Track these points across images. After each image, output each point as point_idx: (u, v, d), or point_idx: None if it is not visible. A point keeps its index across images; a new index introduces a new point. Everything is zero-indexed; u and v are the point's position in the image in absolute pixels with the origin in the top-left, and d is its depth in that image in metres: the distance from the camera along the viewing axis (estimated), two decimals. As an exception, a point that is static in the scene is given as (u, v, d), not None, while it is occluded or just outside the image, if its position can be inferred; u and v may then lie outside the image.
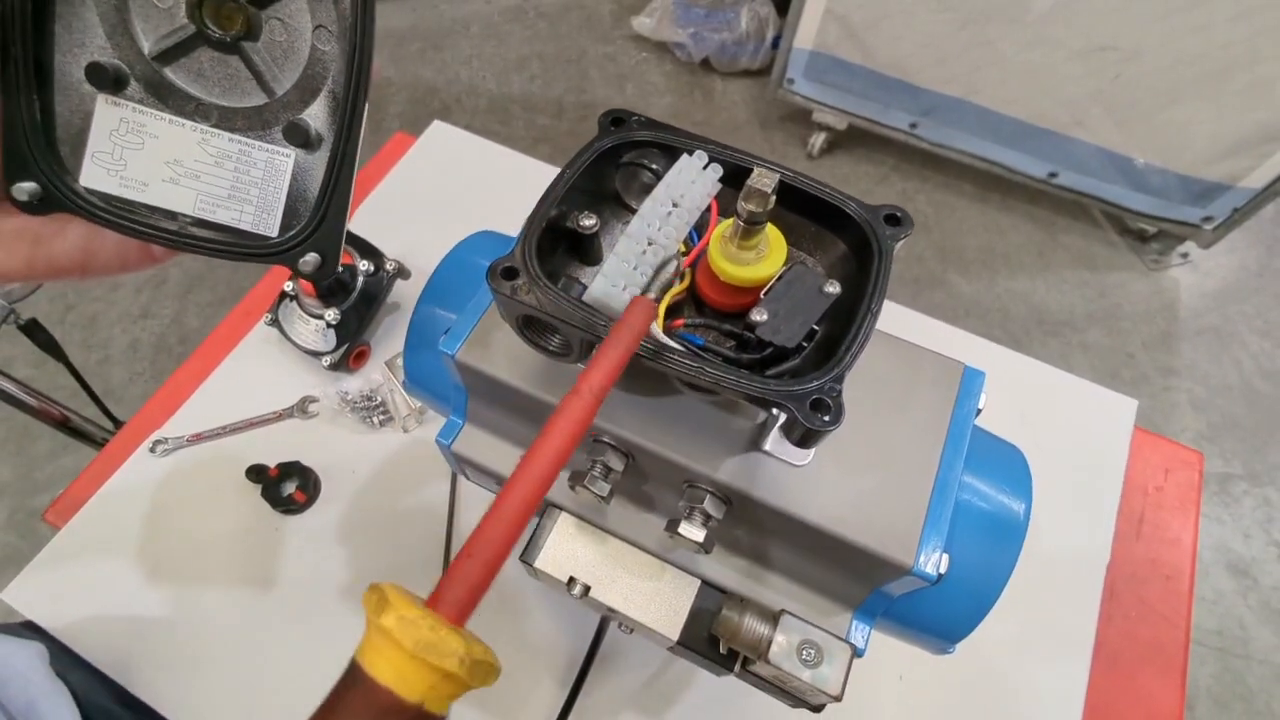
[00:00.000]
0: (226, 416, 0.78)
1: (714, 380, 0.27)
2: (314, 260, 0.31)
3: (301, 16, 0.29)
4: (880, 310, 0.29)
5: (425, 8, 2.39)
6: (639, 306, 0.27)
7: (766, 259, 0.29)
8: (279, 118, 0.30)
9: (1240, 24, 1.41)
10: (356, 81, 0.29)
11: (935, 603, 0.38)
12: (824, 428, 0.26)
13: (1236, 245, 1.96)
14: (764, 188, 0.26)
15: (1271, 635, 1.54)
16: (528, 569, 0.42)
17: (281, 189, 0.31)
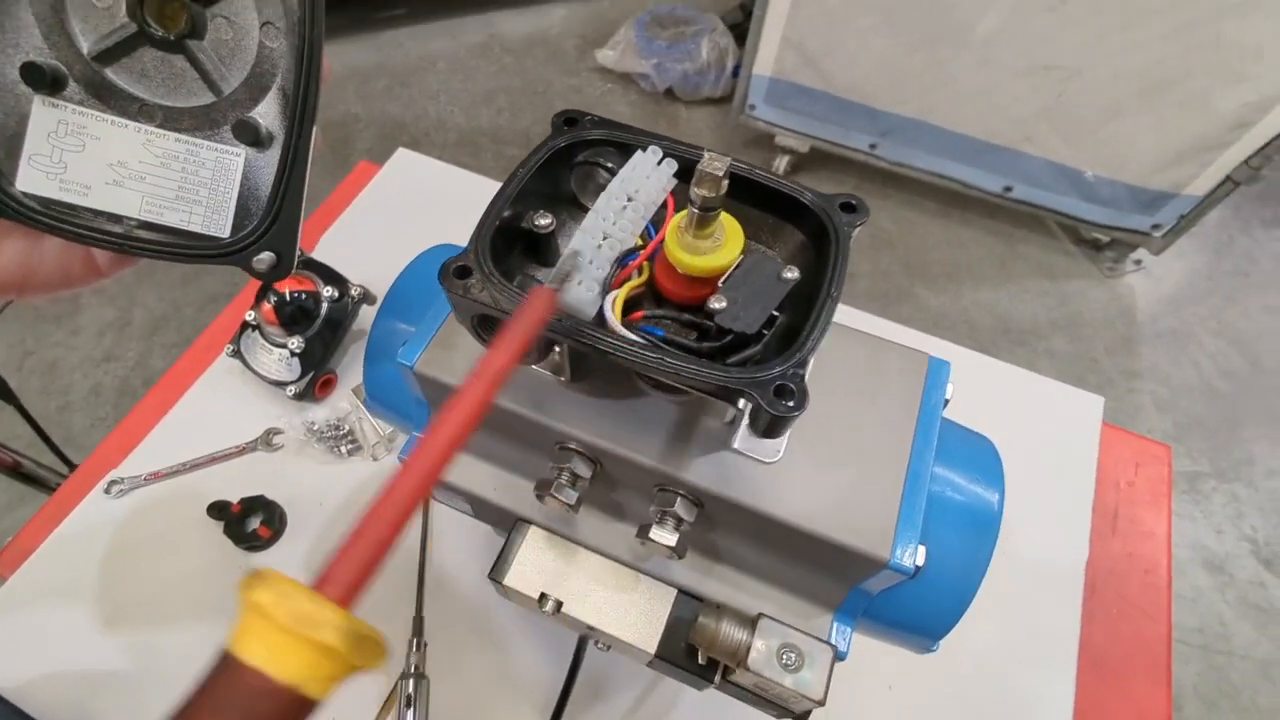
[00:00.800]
0: (187, 453, 0.75)
1: (674, 371, 0.27)
2: (269, 259, 0.30)
3: (248, 13, 0.29)
4: (840, 295, 0.28)
5: (391, 46, 2.41)
6: (539, 291, 0.26)
7: (723, 248, 0.29)
8: (227, 116, 0.30)
9: (1171, 42, 1.48)
10: (306, 77, 0.28)
11: (915, 598, 0.37)
12: (788, 413, 0.25)
13: (1185, 251, 2.03)
14: (715, 171, 0.26)
15: (1251, 630, 1.56)
16: (497, 587, 0.40)
17: (232, 188, 0.30)
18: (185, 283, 1.86)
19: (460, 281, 0.28)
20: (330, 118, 2.19)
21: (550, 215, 0.32)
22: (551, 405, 0.36)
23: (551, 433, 0.36)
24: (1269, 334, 1.92)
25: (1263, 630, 1.57)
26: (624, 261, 0.30)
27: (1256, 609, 1.60)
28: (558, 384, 0.37)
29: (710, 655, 0.36)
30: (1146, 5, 1.44)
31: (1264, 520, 1.69)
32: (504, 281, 0.28)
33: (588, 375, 0.37)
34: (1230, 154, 1.62)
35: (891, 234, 2.05)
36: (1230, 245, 2.07)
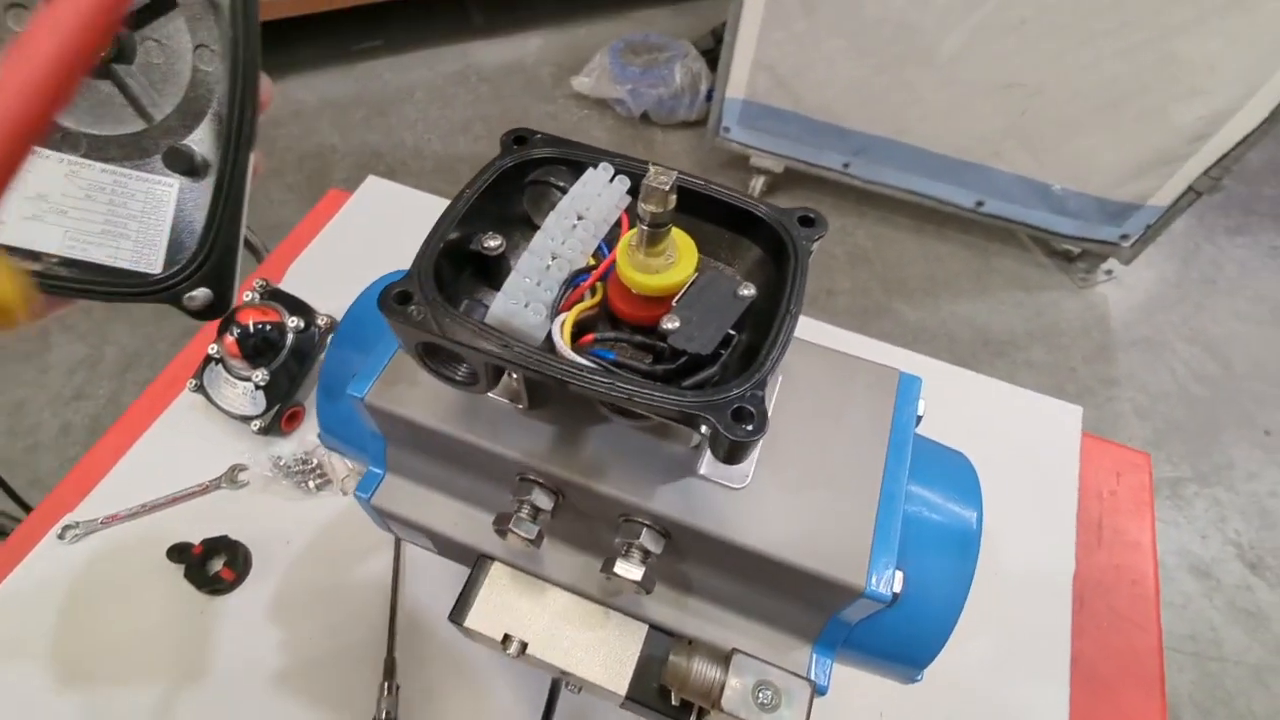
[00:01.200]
0: (147, 494, 0.72)
1: (627, 396, 0.25)
2: (203, 296, 0.28)
3: (180, 36, 0.27)
4: (799, 312, 0.27)
5: (369, 77, 2.42)
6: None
7: (676, 266, 0.28)
8: (159, 144, 0.28)
9: (1126, 60, 1.52)
10: (242, 101, 0.27)
11: (895, 626, 0.36)
12: (748, 438, 0.24)
13: (1154, 260, 2.06)
14: (661, 185, 0.24)
15: (1242, 635, 1.56)
16: (458, 629, 0.38)
17: (164, 221, 0.28)
18: (159, 318, 1.82)
19: (401, 308, 0.27)
20: (306, 149, 2.18)
21: (500, 237, 0.31)
22: (509, 434, 0.35)
23: (509, 463, 0.35)
24: (1239, 338, 1.95)
25: (1253, 635, 1.57)
26: (575, 282, 0.29)
27: (1245, 613, 1.60)
28: (515, 412, 0.35)
29: (683, 696, 0.34)
30: (1101, 26, 1.48)
31: (1246, 523, 1.70)
32: (448, 306, 0.27)
33: (546, 402, 0.36)
34: (1190, 165, 1.66)
35: (869, 250, 2.06)
36: (1196, 253, 2.11)
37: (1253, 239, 2.12)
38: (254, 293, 0.75)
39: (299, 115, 2.28)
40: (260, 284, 0.76)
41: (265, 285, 0.76)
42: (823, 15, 1.67)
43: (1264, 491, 1.74)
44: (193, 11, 0.27)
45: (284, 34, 2.30)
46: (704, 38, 2.33)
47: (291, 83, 2.37)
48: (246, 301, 0.74)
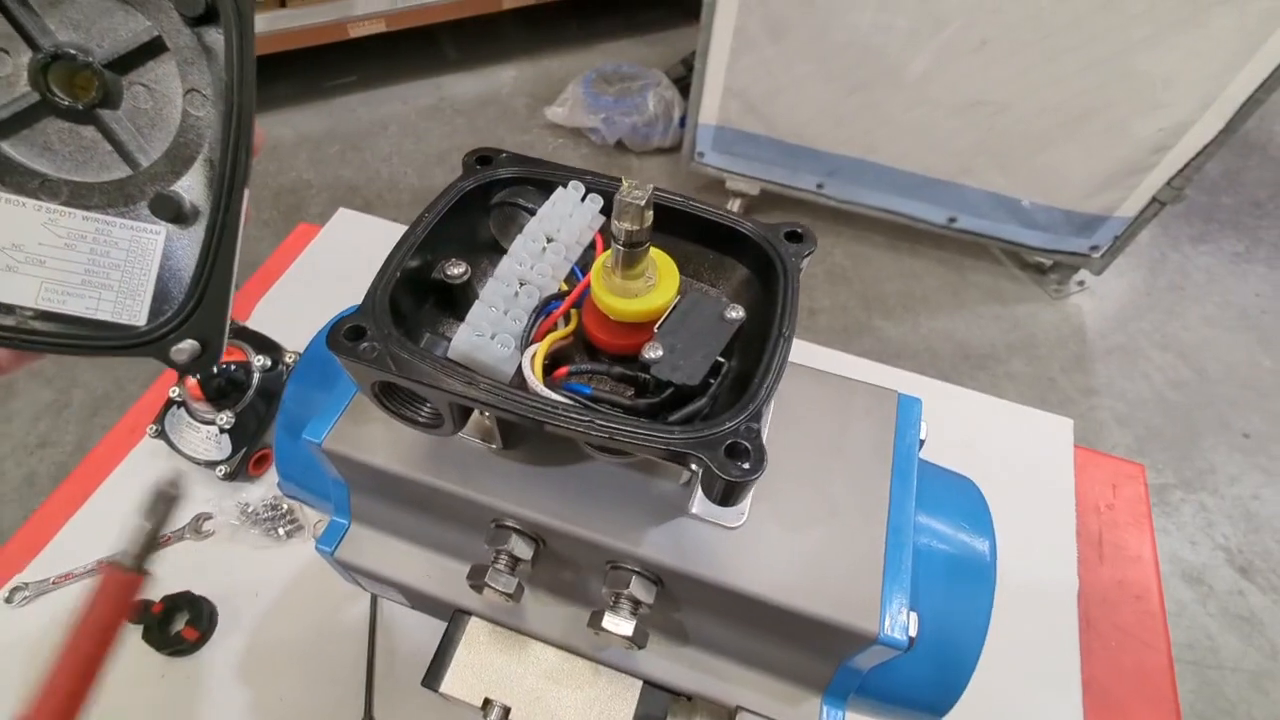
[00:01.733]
0: (103, 550, 0.67)
1: (608, 435, 0.23)
2: (191, 348, 0.27)
3: (170, 81, 0.26)
4: (793, 334, 0.25)
5: (342, 111, 2.41)
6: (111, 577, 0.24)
7: (657, 289, 0.25)
8: (145, 191, 0.27)
9: (1087, 76, 1.56)
10: (236, 146, 0.26)
11: (912, 669, 0.33)
12: (744, 478, 0.21)
13: (1124, 270, 2.10)
14: (636, 200, 0.22)
15: (1238, 641, 1.55)
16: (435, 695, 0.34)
17: (149, 270, 0.27)
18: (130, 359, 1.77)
19: (352, 344, 0.24)
20: (282, 184, 2.15)
21: (464, 264, 0.28)
22: (482, 478, 0.32)
23: (484, 509, 0.32)
24: (1210, 344, 1.97)
25: (1249, 641, 1.56)
26: (546, 310, 0.26)
27: (1240, 619, 1.59)
28: (488, 452, 0.32)
29: (683, 761, 0.31)
30: (1061, 43, 1.51)
31: (1234, 528, 1.70)
32: (405, 341, 0.24)
33: (522, 441, 0.33)
34: (1153, 176, 1.70)
35: (847, 269, 2.07)
36: (1163, 262, 2.15)
37: (1215, 246, 2.17)
38: (214, 333, 0.72)
39: (274, 151, 2.26)
40: (223, 323, 0.72)
41: (232, 323, 0.72)
42: (790, 41, 1.69)
43: (1247, 495, 1.75)
44: (184, 56, 0.26)
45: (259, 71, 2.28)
46: (675, 66, 2.36)
47: (267, 119, 2.35)
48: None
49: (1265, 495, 1.74)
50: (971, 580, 0.33)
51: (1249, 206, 2.27)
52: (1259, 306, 2.06)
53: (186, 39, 0.25)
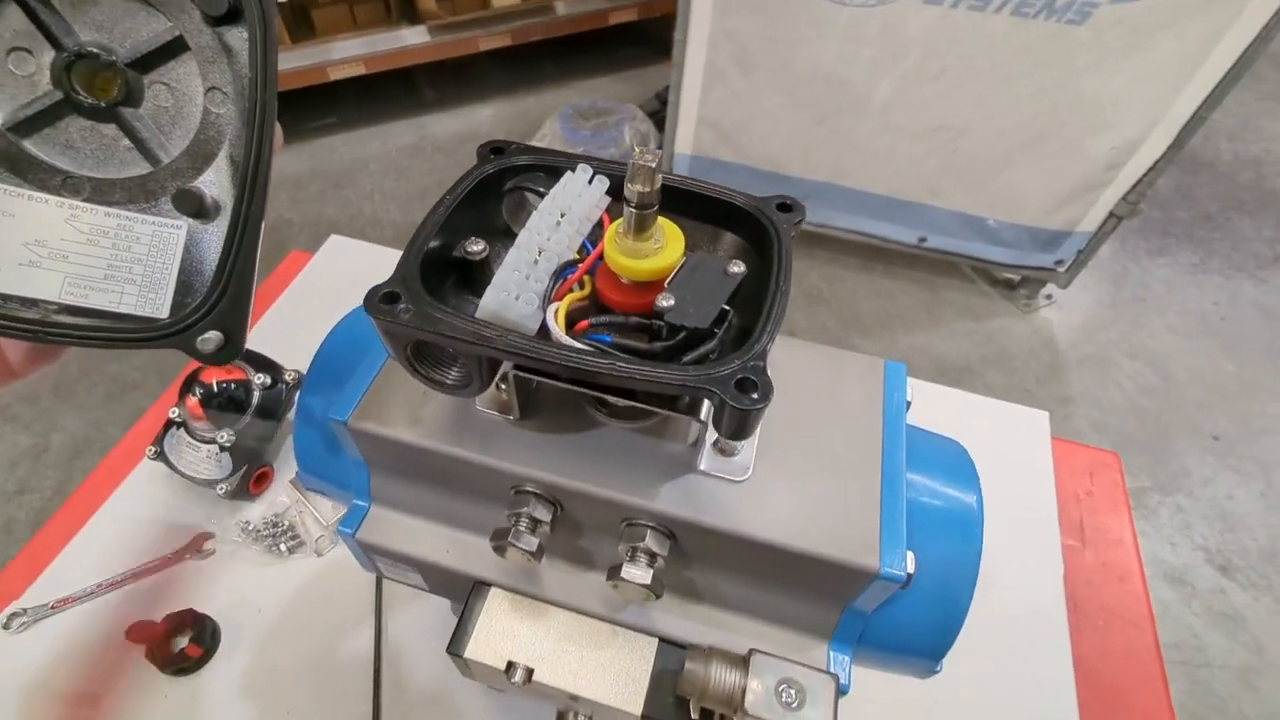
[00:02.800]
0: (102, 574, 0.67)
1: (628, 375, 0.25)
2: (215, 339, 0.27)
3: (191, 80, 0.27)
4: (789, 289, 0.28)
5: (324, 151, 2.44)
6: None
7: (665, 249, 0.28)
8: (166, 186, 0.27)
9: (1041, 99, 1.65)
10: (259, 141, 0.27)
11: (910, 615, 0.35)
12: (754, 406, 0.24)
13: (1088, 283, 2.18)
14: (648, 163, 0.25)
15: (1223, 639, 1.57)
16: (457, 662, 0.35)
17: (172, 264, 0.27)
18: (110, 400, 1.74)
19: (389, 308, 0.26)
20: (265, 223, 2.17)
21: (483, 242, 0.31)
22: (502, 446, 0.34)
23: (504, 476, 0.33)
24: (1175, 351, 2.05)
25: (1234, 638, 1.59)
26: (563, 276, 0.29)
27: (1224, 617, 1.62)
28: (507, 424, 0.35)
29: (703, 705, 0.32)
30: (1013, 70, 1.60)
31: (1210, 528, 1.74)
32: (435, 303, 0.27)
33: (538, 411, 0.35)
34: (1109, 192, 1.79)
35: (823, 290, 2.13)
36: (1125, 275, 2.24)
37: (1172, 259, 2.27)
38: (214, 352, 0.73)
39: (252, 192, 2.28)
40: (221, 343, 0.74)
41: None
42: (759, 74, 1.77)
43: (1221, 495, 1.80)
44: (205, 55, 0.26)
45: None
46: (649, 101, 2.44)
47: (244, 161, 2.37)
48: (207, 361, 0.71)
49: (1238, 495, 1.79)
50: (961, 529, 0.36)
51: (1201, 220, 2.39)
52: (1217, 314, 2.15)
53: (208, 39, 0.26)
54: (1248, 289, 2.18)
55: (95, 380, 1.79)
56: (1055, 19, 1.50)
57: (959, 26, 1.55)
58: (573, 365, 0.25)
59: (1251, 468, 1.84)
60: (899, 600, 0.35)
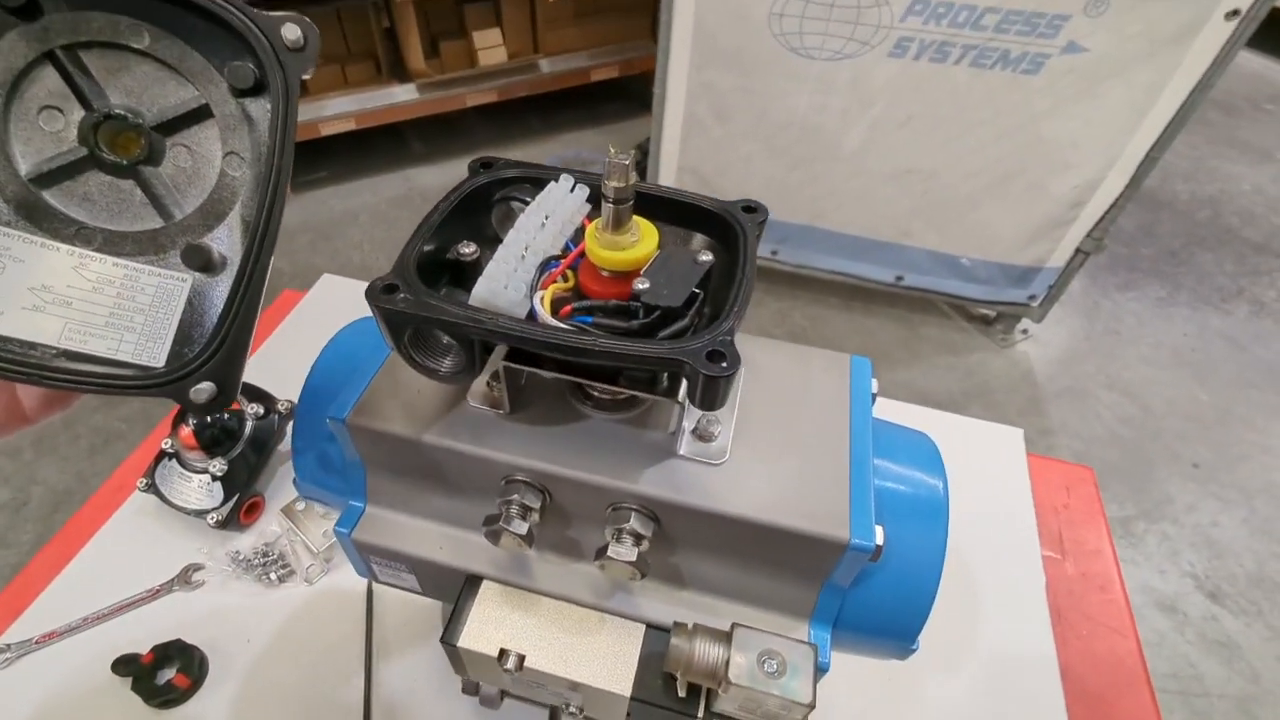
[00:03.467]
0: (90, 606, 0.66)
1: (608, 350, 0.27)
2: (208, 390, 0.28)
3: (211, 144, 0.28)
4: (754, 276, 0.31)
5: (314, 204, 2.50)
6: None
7: (641, 242, 0.31)
8: (176, 241, 0.28)
9: (1003, 143, 1.74)
10: (271, 204, 0.28)
11: (882, 595, 0.37)
12: (724, 374, 0.26)
13: (1062, 317, 2.25)
14: (622, 160, 0.28)
15: (1219, 666, 1.57)
16: (450, 652, 0.36)
17: (173, 315, 0.28)
18: (93, 452, 1.73)
19: (389, 296, 0.29)
20: (248, 275, 2.20)
21: (474, 245, 0.34)
22: (493, 438, 0.36)
23: (496, 466, 0.35)
24: (1150, 381, 2.10)
25: (1230, 666, 1.58)
26: (547, 269, 0.31)
27: (1218, 644, 1.62)
28: (497, 417, 0.37)
29: (689, 680, 0.33)
30: (976, 116, 1.70)
31: (1197, 555, 1.76)
32: (431, 291, 0.29)
33: (527, 406, 0.37)
34: (1075, 229, 1.87)
35: (806, 329, 2.18)
36: (1097, 309, 2.31)
37: (1140, 293, 2.35)
38: (209, 384, 0.74)
39: (244, 244, 2.32)
40: (216, 375, 0.75)
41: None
42: (735, 123, 1.86)
43: (1206, 522, 1.82)
44: (228, 123, 0.28)
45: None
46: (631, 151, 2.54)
47: (235, 215, 2.43)
48: (202, 391, 0.73)
49: (1222, 521, 1.81)
50: (927, 510, 0.38)
51: (1166, 256, 2.48)
52: (1188, 345, 2.21)
53: (232, 108, 0.28)
54: (1214, 320, 2.26)
55: (78, 432, 1.78)
56: (1011, 69, 1.60)
57: (922, 77, 1.65)
58: (558, 343, 0.28)
59: (1233, 494, 1.86)
60: (871, 580, 0.37)
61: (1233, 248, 2.49)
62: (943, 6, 1.53)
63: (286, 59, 0.27)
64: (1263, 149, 2.90)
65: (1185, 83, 1.54)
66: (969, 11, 1.52)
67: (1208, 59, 1.50)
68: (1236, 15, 1.43)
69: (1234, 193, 2.69)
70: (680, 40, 1.73)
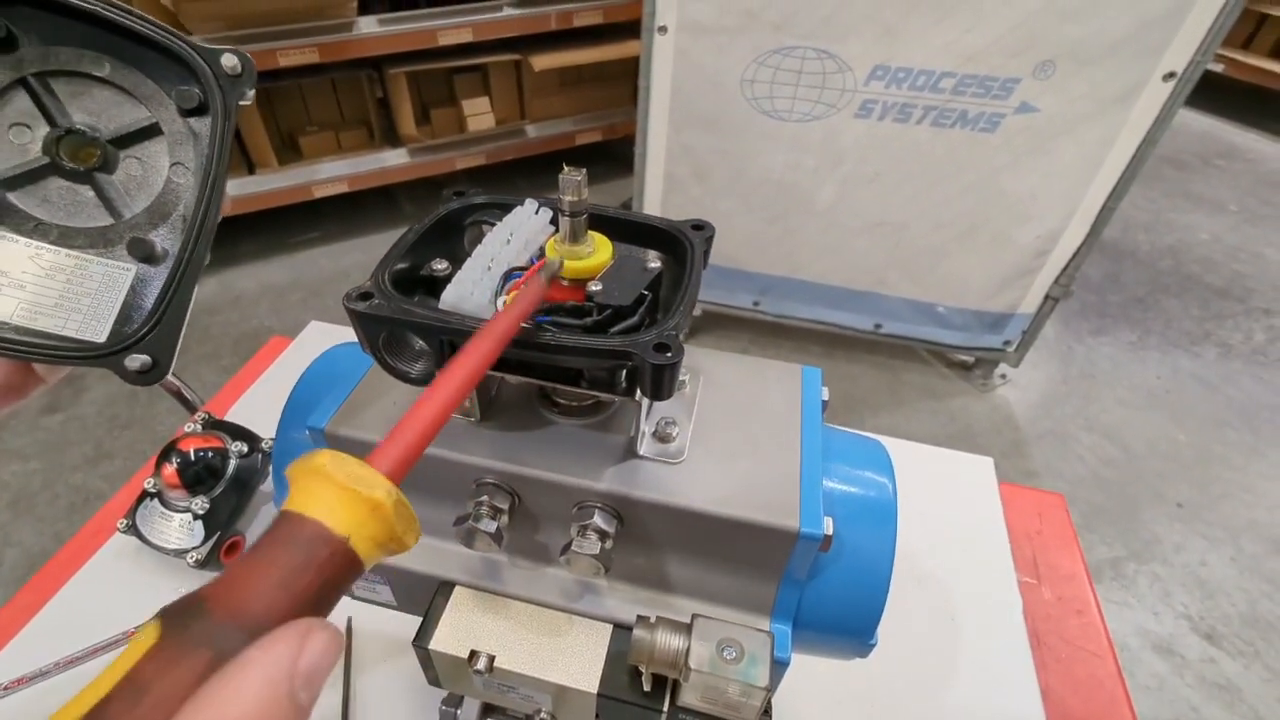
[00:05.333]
0: (62, 649, 0.65)
1: (565, 343, 0.30)
2: (143, 361, 0.31)
3: (160, 156, 0.33)
4: (699, 281, 0.34)
5: (305, 264, 2.56)
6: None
7: (596, 253, 0.34)
8: (123, 236, 0.32)
9: (967, 196, 1.83)
10: (208, 205, 0.32)
11: (838, 591, 0.38)
12: (669, 361, 0.29)
13: (1038, 362, 2.30)
14: (574, 177, 0.32)
15: (1221, 711, 1.54)
16: (422, 656, 0.37)
17: (116, 299, 0.32)
18: (72, 511, 1.70)
19: (364, 301, 0.32)
20: (244, 331, 2.23)
21: (447, 261, 0.37)
22: (463, 443, 0.38)
23: (466, 469, 0.37)
24: (1128, 423, 2.14)
25: (1231, 709, 1.56)
26: (511, 279, 0.34)
27: (1217, 687, 1.59)
28: (468, 425, 0.39)
29: (653, 671, 0.35)
30: (939, 172, 1.79)
31: (1189, 595, 1.75)
32: (405, 298, 0.32)
33: (497, 414, 0.39)
34: (1042, 276, 1.94)
35: (788, 378, 2.21)
36: (1071, 354, 2.37)
37: (1112, 337, 2.42)
38: (195, 424, 0.76)
39: (237, 302, 2.36)
40: (203, 416, 0.77)
41: (208, 417, 0.77)
42: (714, 181, 1.95)
43: (1195, 562, 1.82)
44: (175, 138, 0.33)
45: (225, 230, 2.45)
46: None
47: (232, 273, 2.48)
48: (188, 432, 0.74)
49: (1210, 560, 1.81)
50: (876, 507, 0.40)
51: (1133, 303, 2.57)
52: (1162, 387, 2.26)
53: (179, 125, 0.32)
54: (1185, 363, 2.32)
55: (57, 491, 1.76)
56: (969, 128, 1.70)
57: (887, 136, 1.75)
58: (520, 338, 0.30)
59: (1219, 533, 1.87)
60: (827, 574, 0.38)
61: (1196, 294, 2.58)
62: (902, 71, 1.64)
63: (226, 84, 0.32)
64: (1216, 201, 3.05)
65: (1132, 139, 1.64)
66: (927, 76, 1.63)
67: (1151, 117, 1.60)
68: (1173, 77, 1.54)
69: (1192, 242, 2.81)
70: (659, 106, 1.83)
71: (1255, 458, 2.04)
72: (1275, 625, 1.68)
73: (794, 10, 1.60)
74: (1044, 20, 1.51)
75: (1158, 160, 1.71)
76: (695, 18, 1.67)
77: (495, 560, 0.40)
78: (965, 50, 1.58)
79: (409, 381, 0.34)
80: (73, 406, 2.00)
